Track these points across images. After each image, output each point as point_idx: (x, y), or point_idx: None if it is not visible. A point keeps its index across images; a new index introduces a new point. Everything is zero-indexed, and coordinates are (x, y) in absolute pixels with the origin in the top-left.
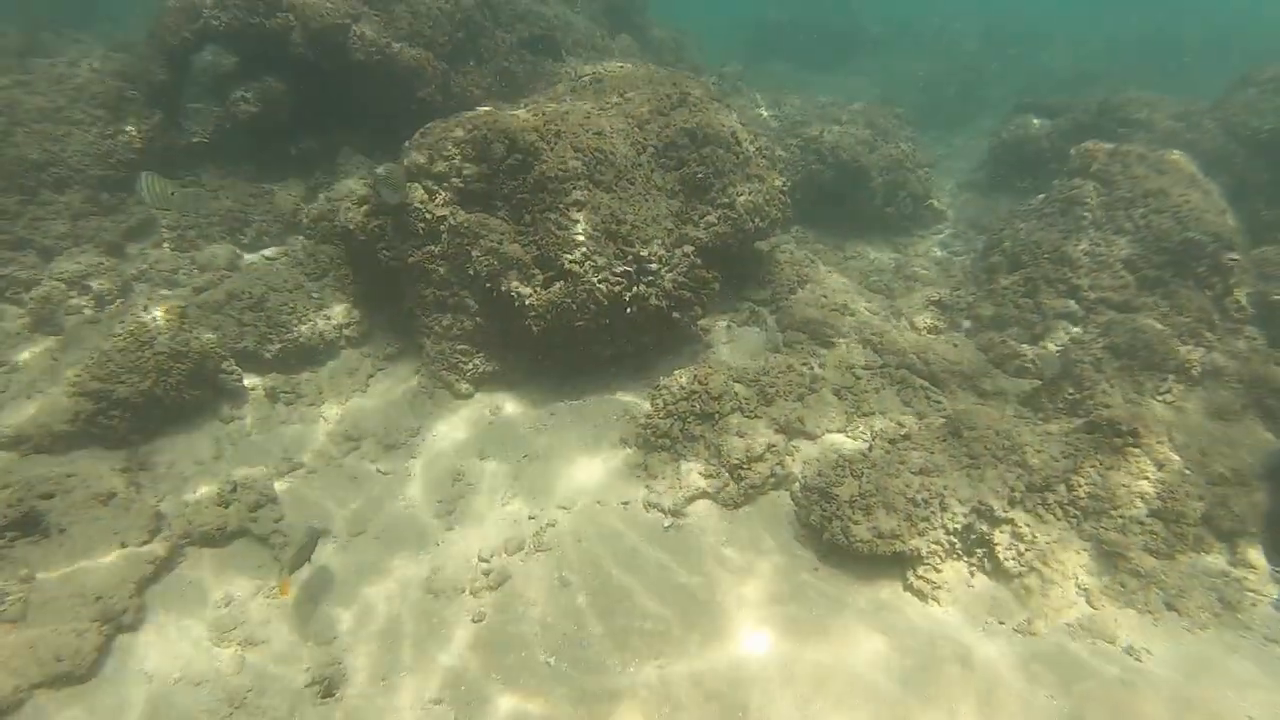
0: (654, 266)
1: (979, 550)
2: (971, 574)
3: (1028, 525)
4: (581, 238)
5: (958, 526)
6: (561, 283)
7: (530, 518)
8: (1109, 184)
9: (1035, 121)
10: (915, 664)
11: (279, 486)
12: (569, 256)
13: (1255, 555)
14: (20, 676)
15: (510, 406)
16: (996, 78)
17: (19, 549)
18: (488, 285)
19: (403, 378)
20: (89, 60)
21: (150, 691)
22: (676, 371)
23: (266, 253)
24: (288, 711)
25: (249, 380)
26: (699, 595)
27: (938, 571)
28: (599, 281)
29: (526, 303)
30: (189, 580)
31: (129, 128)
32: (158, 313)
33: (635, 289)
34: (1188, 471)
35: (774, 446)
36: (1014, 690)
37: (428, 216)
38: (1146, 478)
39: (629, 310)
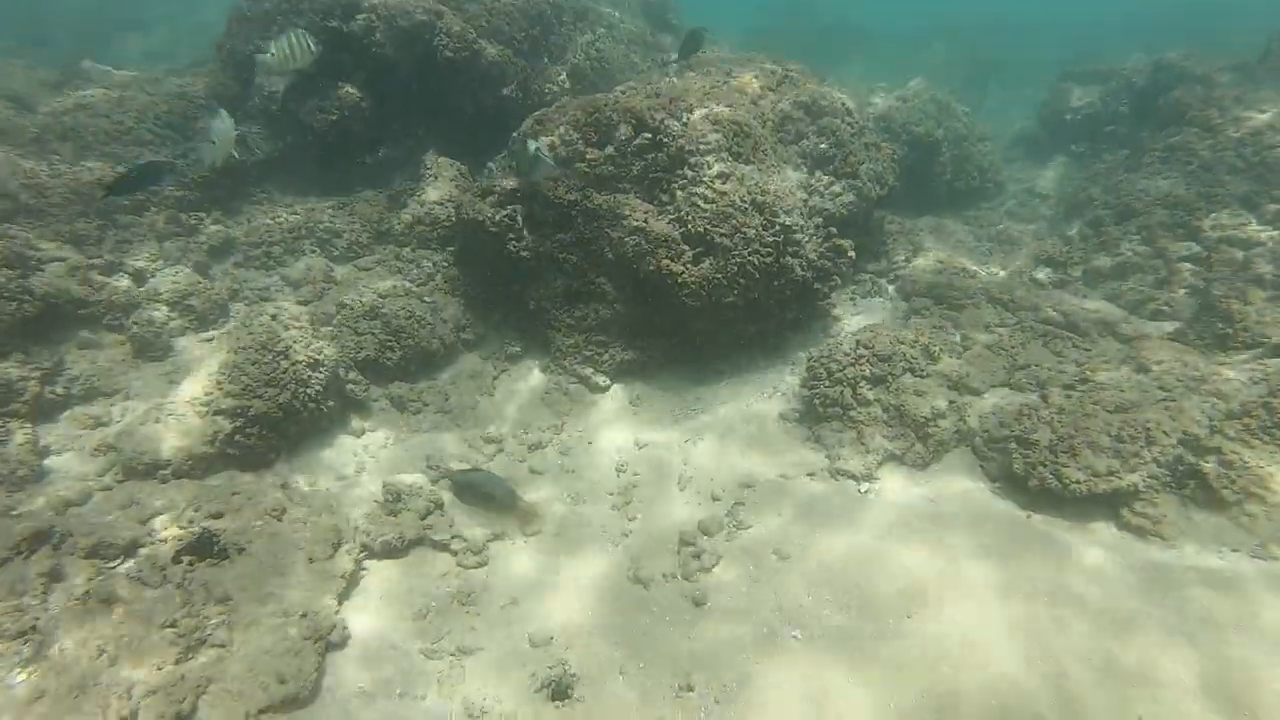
0: (799, 237)
1: (1190, 482)
2: (1185, 505)
3: (1234, 452)
4: (730, 210)
5: (1169, 459)
6: (711, 258)
7: (714, 499)
8: (1210, 128)
9: (1083, 89)
10: (1174, 604)
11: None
12: (719, 230)
13: None
14: (247, 701)
15: (653, 394)
16: (999, 65)
17: (202, 572)
18: (634, 267)
19: (531, 376)
20: (141, 84)
21: (380, 710)
22: (831, 341)
23: (360, 263)
24: (533, 714)
25: (373, 390)
26: (929, 556)
27: (1154, 506)
28: (749, 254)
29: (679, 280)
30: (379, 593)
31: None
32: (283, 318)
33: (781, 260)
34: None
35: (954, 402)
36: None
37: (558, 203)
38: None
39: (775, 282)
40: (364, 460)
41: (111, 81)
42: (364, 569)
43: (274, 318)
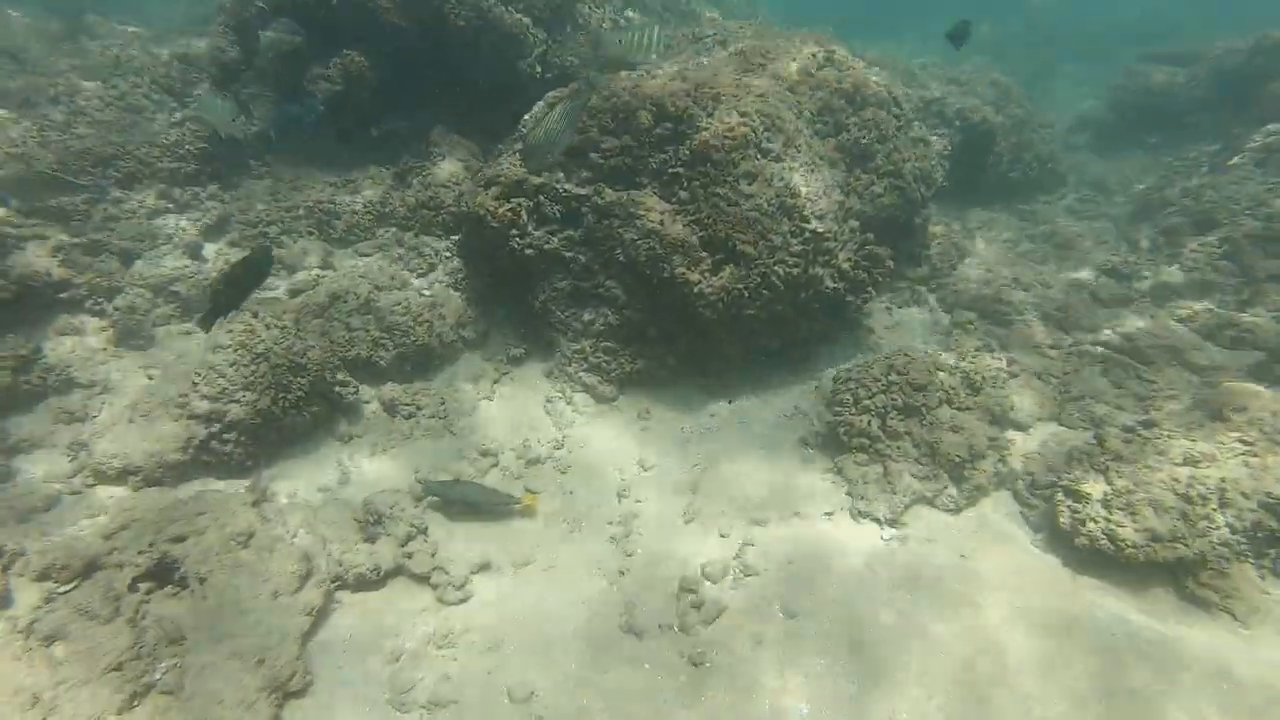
0: (831, 244)
1: (1272, 551)
2: (1263, 578)
3: None
4: (756, 214)
5: (1245, 525)
6: (732, 266)
7: (722, 536)
8: None
9: (1166, 71)
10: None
11: (422, 514)
12: (742, 236)
13: None
14: None
15: (663, 410)
16: (1065, 38)
17: (158, 604)
18: (647, 272)
19: (533, 382)
20: (142, 42)
21: None
22: (864, 361)
23: (361, 248)
24: None
25: (364, 391)
26: (954, 628)
27: (1225, 577)
28: (775, 264)
29: (695, 290)
30: (349, 633)
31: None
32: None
33: (810, 270)
34: None
35: (995, 440)
36: None
37: (565, 197)
38: None
39: (803, 295)
40: (349, 470)
41: (113, 39)
42: (335, 603)
43: (255, 315)
